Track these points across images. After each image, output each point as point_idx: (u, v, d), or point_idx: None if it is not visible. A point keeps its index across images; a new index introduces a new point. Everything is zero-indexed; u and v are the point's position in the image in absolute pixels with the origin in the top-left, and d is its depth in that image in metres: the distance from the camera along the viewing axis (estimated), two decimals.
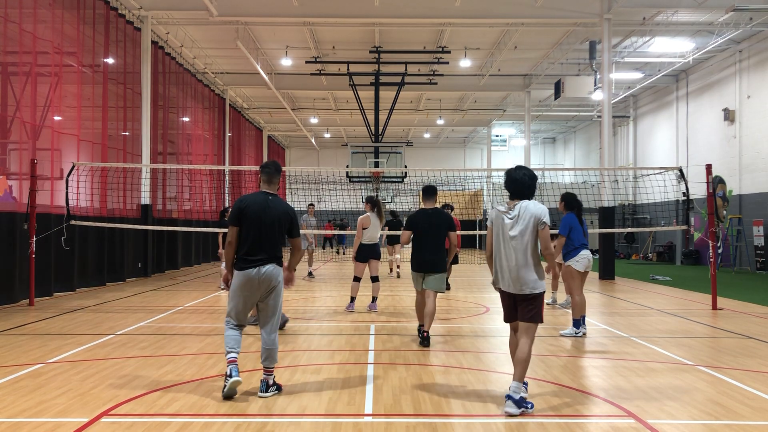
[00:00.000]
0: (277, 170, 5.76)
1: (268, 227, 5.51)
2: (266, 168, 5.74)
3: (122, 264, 15.74)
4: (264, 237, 5.50)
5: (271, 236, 5.52)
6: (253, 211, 5.51)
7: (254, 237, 5.48)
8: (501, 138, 40.02)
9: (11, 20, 11.73)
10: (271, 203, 5.58)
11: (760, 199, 20.46)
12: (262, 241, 5.48)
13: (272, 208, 5.55)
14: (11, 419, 4.80)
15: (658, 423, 4.83)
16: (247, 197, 5.63)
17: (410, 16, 18.19)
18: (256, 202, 5.56)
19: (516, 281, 5.16)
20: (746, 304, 12.06)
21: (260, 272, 5.44)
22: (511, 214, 5.20)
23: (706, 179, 11.75)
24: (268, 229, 5.51)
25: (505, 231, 5.21)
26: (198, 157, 23.46)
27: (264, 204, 5.55)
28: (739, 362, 6.93)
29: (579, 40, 20.67)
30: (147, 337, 8.18)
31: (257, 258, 5.46)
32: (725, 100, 22.55)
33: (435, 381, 6.04)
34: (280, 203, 5.66)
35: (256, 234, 5.48)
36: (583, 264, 8.56)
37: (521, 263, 5.13)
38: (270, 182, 5.71)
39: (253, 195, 5.66)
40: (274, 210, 5.55)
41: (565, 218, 8.67)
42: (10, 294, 11.15)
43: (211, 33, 20.35)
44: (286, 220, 5.61)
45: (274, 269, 5.50)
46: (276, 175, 5.73)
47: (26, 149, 12.56)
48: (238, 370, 5.40)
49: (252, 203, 5.55)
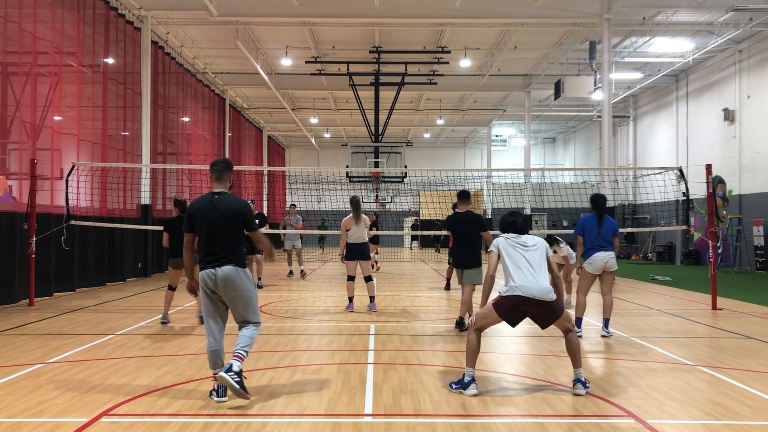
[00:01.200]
0: (227, 167, 5.64)
1: (217, 227, 5.41)
2: (214, 166, 5.64)
3: (122, 264, 15.74)
4: (216, 237, 5.41)
5: (222, 236, 5.41)
6: (201, 213, 5.44)
7: (207, 239, 5.42)
8: (501, 138, 40.03)
9: (11, 20, 11.73)
10: (217, 202, 5.46)
11: (760, 199, 20.46)
12: (216, 241, 5.41)
13: (218, 207, 5.43)
14: (11, 419, 4.80)
15: (658, 423, 4.83)
16: (194, 201, 5.58)
17: (410, 16, 18.20)
18: (203, 204, 5.48)
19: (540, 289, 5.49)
20: (746, 304, 12.06)
21: (218, 272, 5.36)
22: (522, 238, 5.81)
23: (706, 179, 11.75)
24: (217, 229, 5.41)
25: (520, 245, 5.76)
26: (198, 157, 23.46)
27: (210, 204, 5.45)
28: (739, 362, 6.92)
29: (579, 40, 20.67)
30: (147, 337, 8.18)
31: (214, 259, 5.40)
32: (725, 100, 22.55)
33: (435, 381, 6.04)
34: (227, 200, 5.49)
35: (208, 236, 5.42)
36: (596, 266, 8.31)
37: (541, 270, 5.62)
38: (219, 180, 5.59)
39: (200, 198, 5.60)
40: (220, 209, 5.43)
41: (581, 219, 8.53)
42: (10, 294, 11.15)
43: (211, 33, 20.36)
44: (235, 216, 5.44)
45: (232, 269, 5.38)
46: (225, 172, 5.60)
47: (26, 149, 12.56)
48: (225, 390, 5.31)
49: (199, 206, 5.47)
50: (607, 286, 8.45)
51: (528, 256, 5.67)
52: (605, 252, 8.30)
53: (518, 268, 5.60)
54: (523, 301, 5.47)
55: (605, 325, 8.44)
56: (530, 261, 5.63)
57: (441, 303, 12.04)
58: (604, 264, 8.30)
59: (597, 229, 8.34)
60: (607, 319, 8.44)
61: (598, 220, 8.38)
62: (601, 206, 8.46)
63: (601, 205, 8.46)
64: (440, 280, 16.77)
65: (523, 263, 5.62)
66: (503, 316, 5.58)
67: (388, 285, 15.24)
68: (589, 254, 8.34)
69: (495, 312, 5.56)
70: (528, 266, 5.59)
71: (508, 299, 5.51)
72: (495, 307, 5.57)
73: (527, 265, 5.60)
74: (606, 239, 8.32)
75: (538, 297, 5.45)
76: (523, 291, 5.46)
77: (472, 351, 5.61)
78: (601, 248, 8.30)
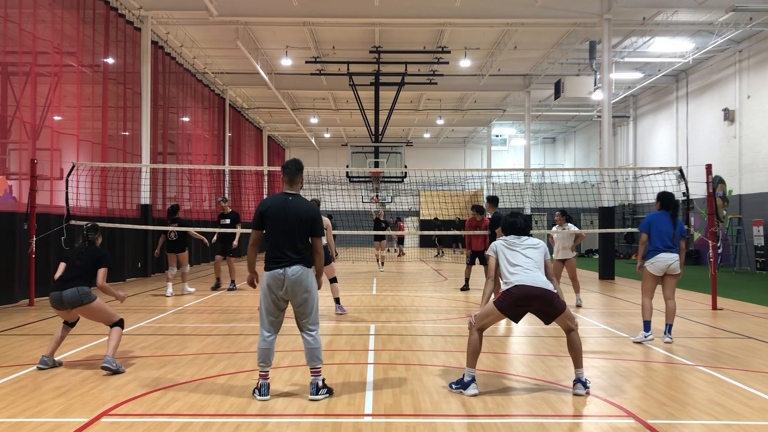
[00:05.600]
0: (298, 169, 5.70)
1: (290, 228, 5.44)
2: (286, 168, 5.68)
3: (122, 264, 15.74)
4: (287, 238, 5.45)
5: (294, 237, 5.46)
6: (274, 213, 5.47)
7: (278, 239, 5.45)
8: (501, 138, 40.02)
9: (11, 20, 11.73)
10: (291, 204, 5.51)
11: (760, 199, 20.46)
12: (287, 242, 5.44)
13: (292, 209, 5.49)
14: (11, 419, 4.80)
15: (658, 423, 4.83)
16: (267, 200, 5.61)
17: (410, 16, 18.20)
18: (277, 204, 5.51)
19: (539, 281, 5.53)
20: (746, 304, 12.06)
21: (286, 272, 5.39)
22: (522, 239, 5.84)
23: (706, 179, 11.75)
24: (289, 230, 5.44)
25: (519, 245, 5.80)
26: (198, 157, 23.45)
27: (283, 205, 5.50)
28: (739, 362, 6.92)
29: (579, 40, 20.67)
30: (147, 337, 8.18)
31: (283, 259, 5.42)
32: (725, 100, 22.55)
33: (435, 381, 6.04)
34: (300, 203, 5.57)
35: (280, 236, 5.45)
36: (659, 268, 7.93)
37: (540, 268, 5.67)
38: (291, 182, 5.65)
39: (273, 197, 5.63)
40: (294, 210, 5.48)
41: (648, 216, 8.11)
42: (10, 294, 11.15)
43: (211, 33, 20.35)
44: (306, 220, 5.50)
45: (301, 270, 5.43)
46: (297, 175, 5.67)
47: (26, 149, 12.56)
48: (268, 388, 5.43)
49: (272, 206, 5.51)
50: (669, 290, 8.06)
51: (527, 253, 5.71)
52: (671, 254, 7.92)
53: (517, 265, 5.64)
54: (524, 295, 5.47)
55: (668, 330, 8.07)
56: (529, 258, 5.67)
57: (441, 303, 12.05)
58: (668, 266, 7.93)
59: (672, 229, 7.97)
60: (669, 325, 8.08)
61: (672, 220, 8.01)
62: (676, 206, 8.11)
63: (675, 205, 8.10)
64: (440, 280, 16.77)
65: (522, 261, 5.65)
66: (505, 312, 5.57)
67: (388, 285, 15.24)
68: (653, 255, 7.95)
69: (496, 309, 5.55)
70: (527, 263, 5.63)
71: (509, 294, 5.52)
72: (496, 303, 5.56)
73: (526, 261, 5.64)
74: (674, 241, 7.98)
75: (538, 285, 5.47)
76: (523, 283, 5.49)
77: (474, 351, 5.60)
78: (668, 249, 7.92)
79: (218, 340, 8.01)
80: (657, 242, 7.95)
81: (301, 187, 5.76)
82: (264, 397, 5.36)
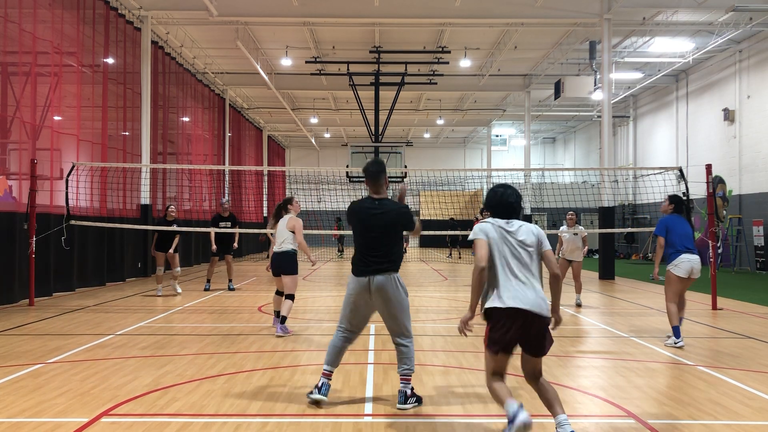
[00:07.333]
0: (381, 171, 5.34)
1: (377, 233, 5.18)
2: (367, 171, 5.35)
3: (122, 264, 15.74)
4: (374, 243, 5.19)
5: (381, 243, 5.18)
6: (360, 217, 5.25)
7: (364, 244, 5.23)
8: (501, 138, 40.02)
9: (11, 20, 11.72)
10: (378, 208, 5.23)
11: (760, 199, 20.46)
12: (373, 247, 5.18)
13: (379, 213, 5.20)
14: (11, 419, 4.80)
15: (658, 423, 4.83)
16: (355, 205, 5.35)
17: (410, 16, 18.20)
18: (363, 208, 5.27)
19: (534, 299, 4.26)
20: (746, 304, 12.06)
21: (373, 281, 5.14)
22: (513, 226, 4.45)
23: (706, 179, 11.75)
24: (377, 235, 5.18)
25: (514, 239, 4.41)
26: (198, 157, 23.45)
27: (370, 210, 5.23)
28: (739, 362, 6.92)
29: (579, 40, 20.67)
30: (147, 337, 8.18)
31: (370, 265, 5.16)
32: (725, 100, 22.55)
33: (435, 381, 6.04)
34: (388, 205, 5.24)
35: (367, 241, 5.21)
36: (684, 269, 7.73)
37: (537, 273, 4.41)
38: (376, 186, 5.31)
39: (361, 201, 5.36)
40: (381, 215, 5.19)
41: (662, 219, 8.02)
42: (10, 294, 11.15)
43: (211, 33, 20.35)
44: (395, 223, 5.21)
45: (384, 278, 5.14)
46: (379, 177, 5.31)
47: (26, 149, 12.56)
48: (328, 388, 5.23)
49: (359, 210, 5.28)
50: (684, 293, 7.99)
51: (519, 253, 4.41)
52: (694, 255, 7.81)
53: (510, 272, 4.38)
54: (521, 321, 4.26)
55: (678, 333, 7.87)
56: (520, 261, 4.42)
57: (441, 303, 12.05)
58: (692, 269, 7.77)
59: (690, 230, 7.92)
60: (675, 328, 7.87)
61: (688, 221, 7.96)
62: (689, 208, 8.10)
63: (688, 207, 8.10)
64: (440, 280, 16.78)
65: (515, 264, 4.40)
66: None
67: None
68: (675, 257, 7.79)
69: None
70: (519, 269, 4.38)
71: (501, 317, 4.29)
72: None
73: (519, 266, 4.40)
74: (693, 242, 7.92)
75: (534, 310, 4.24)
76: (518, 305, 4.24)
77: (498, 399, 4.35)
78: (689, 251, 7.80)
79: (218, 340, 8.00)
80: (677, 244, 7.86)
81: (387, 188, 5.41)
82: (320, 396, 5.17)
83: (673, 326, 7.82)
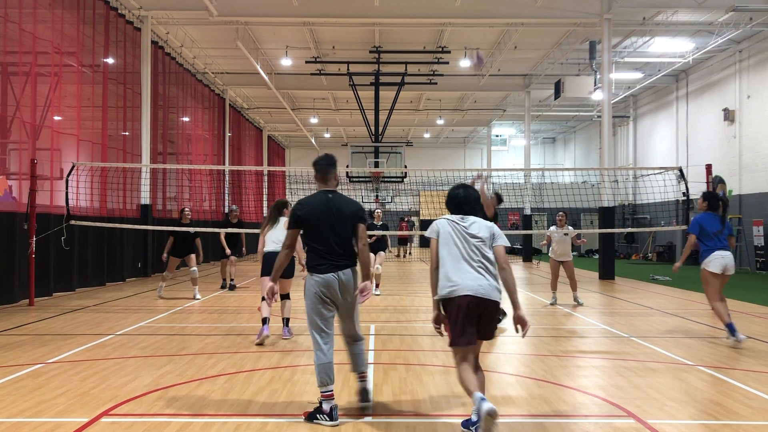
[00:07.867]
0: (330, 164, 5.18)
1: (338, 228, 4.99)
2: (316, 164, 5.18)
3: (122, 264, 15.74)
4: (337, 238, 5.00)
5: (343, 237, 5.01)
6: (317, 213, 4.98)
7: (326, 240, 4.98)
8: (501, 138, 40.01)
9: (11, 20, 11.73)
10: (333, 202, 5.04)
11: (760, 199, 20.46)
12: (336, 243, 4.99)
13: (335, 207, 5.01)
14: (11, 419, 4.80)
15: (658, 423, 4.83)
16: (306, 200, 5.09)
17: (410, 16, 18.20)
18: (317, 203, 5.02)
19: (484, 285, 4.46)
20: (746, 304, 12.05)
21: (341, 276, 4.96)
22: (467, 222, 4.67)
23: (706, 179, 11.76)
24: (338, 230, 4.99)
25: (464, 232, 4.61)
26: (198, 157, 23.46)
27: (326, 204, 5.02)
28: (739, 362, 6.92)
29: (579, 40, 20.67)
30: (147, 337, 8.18)
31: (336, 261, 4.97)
32: (725, 100, 22.55)
33: (435, 381, 6.04)
34: (341, 199, 5.10)
35: (329, 236, 4.97)
36: (718, 265, 7.78)
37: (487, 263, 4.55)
38: (325, 179, 5.15)
39: (312, 197, 5.12)
40: (338, 209, 5.01)
41: (696, 217, 8.04)
42: (10, 294, 11.15)
43: (211, 33, 20.35)
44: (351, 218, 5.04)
45: (351, 273, 5.04)
46: (330, 170, 5.15)
47: (26, 149, 12.56)
48: (337, 408, 4.83)
49: (312, 206, 5.01)
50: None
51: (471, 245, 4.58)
52: (727, 251, 7.85)
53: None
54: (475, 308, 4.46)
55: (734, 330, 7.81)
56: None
57: None
58: (725, 265, 7.82)
59: (722, 228, 7.92)
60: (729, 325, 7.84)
61: (721, 220, 7.99)
62: (726, 205, 8.12)
63: (725, 204, 8.11)
64: None
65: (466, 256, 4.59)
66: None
67: (388, 285, 15.23)
68: (708, 254, 7.85)
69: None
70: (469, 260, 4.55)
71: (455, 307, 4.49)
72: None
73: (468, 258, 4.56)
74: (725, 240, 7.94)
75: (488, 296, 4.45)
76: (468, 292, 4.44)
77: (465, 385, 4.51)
78: (723, 248, 7.84)
79: (218, 340, 8.01)
80: (709, 242, 7.91)
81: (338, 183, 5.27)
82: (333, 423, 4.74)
83: (726, 324, 7.77)
